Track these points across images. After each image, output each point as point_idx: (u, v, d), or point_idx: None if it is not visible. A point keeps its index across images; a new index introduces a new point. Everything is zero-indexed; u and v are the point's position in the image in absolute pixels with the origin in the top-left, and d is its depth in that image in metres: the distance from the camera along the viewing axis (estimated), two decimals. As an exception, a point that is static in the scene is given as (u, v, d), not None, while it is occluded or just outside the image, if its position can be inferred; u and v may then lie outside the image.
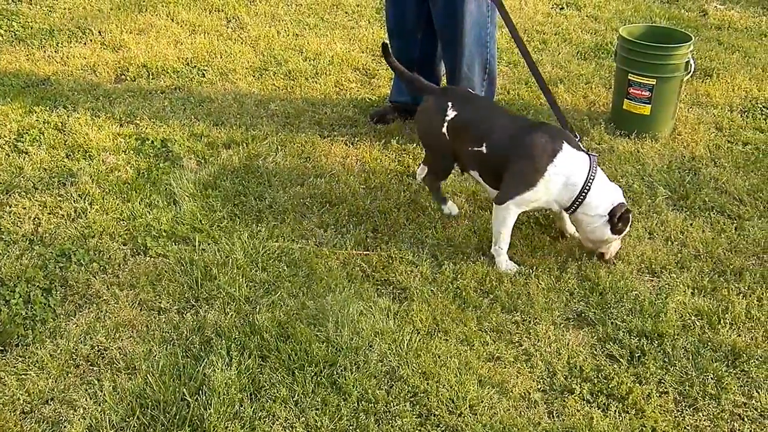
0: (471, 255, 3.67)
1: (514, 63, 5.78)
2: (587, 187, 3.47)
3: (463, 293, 3.43)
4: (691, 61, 4.69)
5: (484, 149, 3.64)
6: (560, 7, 7.08)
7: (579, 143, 3.61)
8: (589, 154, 3.54)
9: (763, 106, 5.25)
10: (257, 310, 3.28)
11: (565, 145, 3.49)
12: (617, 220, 3.50)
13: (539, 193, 3.50)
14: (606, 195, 3.51)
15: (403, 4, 4.54)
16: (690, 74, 4.74)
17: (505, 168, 3.56)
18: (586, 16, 6.86)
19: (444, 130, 3.76)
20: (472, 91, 4.20)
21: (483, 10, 4.37)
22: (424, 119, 3.91)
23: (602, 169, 3.66)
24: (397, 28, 4.67)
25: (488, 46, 4.49)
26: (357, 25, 6.42)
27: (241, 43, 6.01)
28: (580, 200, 3.50)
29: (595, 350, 3.19)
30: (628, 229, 3.61)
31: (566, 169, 3.47)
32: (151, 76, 5.46)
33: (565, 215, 3.72)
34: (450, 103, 3.76)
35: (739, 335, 3.26)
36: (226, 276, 3.46)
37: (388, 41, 4.56)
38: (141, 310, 3.32)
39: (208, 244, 3.69)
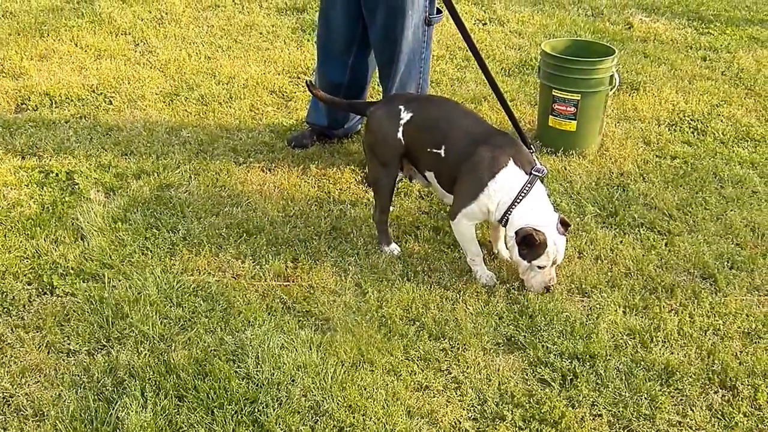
0: (396, 281, 3.74)
1: (436, 81, 5.89)
2: (515, 204, 3.61)
3: (389, 321, 3.48)
4: (616, 75, 4.86)
5: (442, 152, 3.76)
6: (483, 22, 7.25)
7: (531, 157, 3.73)
8: (532, 173, 3.65)
9: (691, 119, 5.46)
10: (173, 347, 3.29)
11: (510, 161, 3.64)
12: (519, 241, 3.59)
13: (482, 205, 3.67)
14: (528, 216, 3.60)
15: (334, 27, 4.62)
16: (615, 88, 4.90)
17: (458, 176, 3.71)
18: (510, 31, 7.03)
19: (399, 135, 3.84)
20: (418, 94, 4.48)
21: (419, 36, 4.48)
22: (375, 128, 3.95)
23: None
24: (326, 50, 4.74)
25: (422, 70, 4.61)
26: (272, 46, 6.47)
27: (150, 67, 6.01)
28: (507, 216, 3.63)
29: (526, 375, 3.27)
30: (542, 260, 3.60)
31: (506, 185, 3.62)
32: (54, 105, 5.41)
33: (500, 233, 3.88)
34: (402, 107, 3.86)
35: (672, 353, 3.38)
36: (138, 313, 3.45)
37: (316, 67, 4.71)
38: (48, 353, 3.29)
39: (119, 281, 3.68)
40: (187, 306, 3.53)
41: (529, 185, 3.62)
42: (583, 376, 3.24)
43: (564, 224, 3.67)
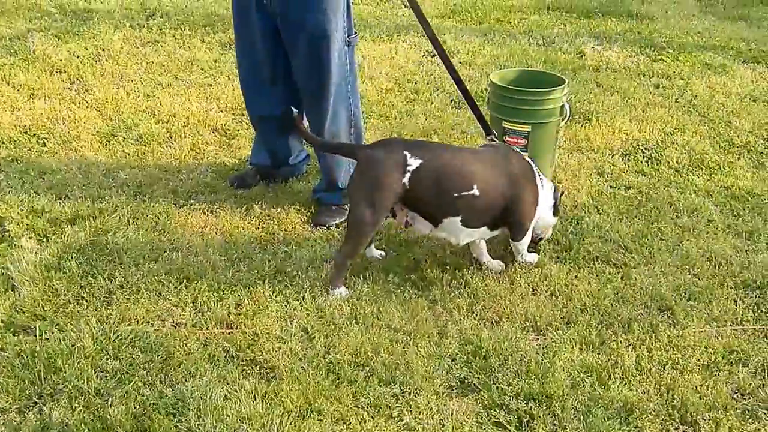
0: (344, 326, 3.71)
1: (385, 115, 5.91)
2: (542, 184, 4.13)
3: (337, 368, 3.44)
4: (566, 106, 4.90)
5: (475, 192, 3.88)
6: (432, 54, 7.28)
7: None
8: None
9: (645, 148, 5.54)
10: (109, 402, 3.22)
11: (531, 160, 4.19)
12: (557, 201, 4.24)
13: (536, 213, 4.12)
14: (548, 187, 4.19)
15: (257, 59, 4.57)
16: (566, 119, 4.95)
17: (502, 204, 3.97)
18: (460, 62, 7.09)
19: (405, 180, 3.83)
20: (411, 139, 4.72)
21: (343, 58, 4.44)
22: (376, 171, 3.87)
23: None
24: (252, 84, 4.71)
25: (351, 97, 4.55)
26: (215, 82, 6.46)
27: (86, 106, 5.96)
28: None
29: (481, 418, 3.25)
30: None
31: (546, 186, 4.15)
32: (-17, 148, 5.35)
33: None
34: (407, 153, 3.84)
35: (631, 389, 3.38)
36: (72, 367, 3.39)
37: (245, 103, 4.73)
38: (-25, 413, 3.22)
39: (53, 333, 3.61)
40: (125, 358, 3.47)
41: (537, 168, 4.18)
42: (539, 417, 3.23)
43: None
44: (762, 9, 9.38)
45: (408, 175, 3.83)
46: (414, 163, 3.83)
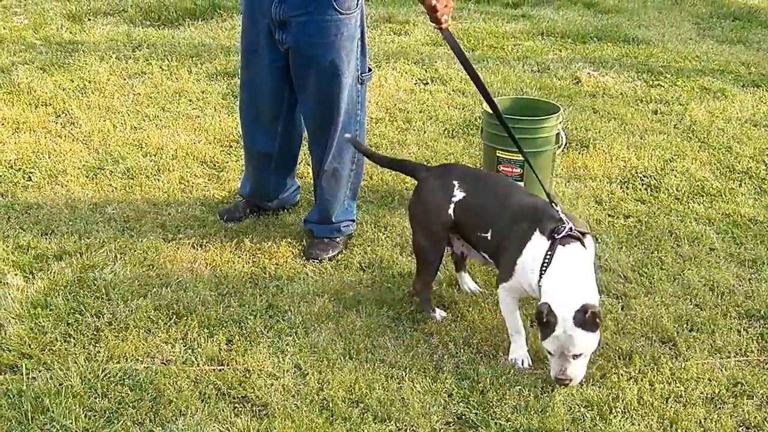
0: (338, 361, 3.72)
1: (375, 145, 5.93)
2: (541, 275, 3.57)
3: (331, 404, 3.45)
4: (562, 133, 4.95)
5: (489, 236, 3.84)
6: (424, 82, 7.35)
7: (557, 218, 3.66)
8: (554, 236, 3.57)
9: (643, 176, 5.57)
10: (97, 443, 3.24)
11: (535, 234, 3.63)
12: (534, 314, 3.60)
13: (516, 282, 3.70)
14: (556, 289, 3.50)
15: (262, 95, 4.60)
16: (562, 147, 4.99)
17: (499, 252, 3.81)
18: (453, 90, 7.14)
19: (450, 210, 3.91)
20: (473, 168, 4.64)
21: (353, 97, 4.49)
22: (425, 198, 4.01)
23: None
24: (253, 119, 4.74)
25: (357, 134, 4.58)
26: (203, 114, 6.50)
27: (72, 140, 5.99)
28: (540, 288, 3.59)
29: (479, 455, 3.27)
30: (548, 343, 3.49)
31: (529, 258, 3.62)
32: (-32, 184, 5.37)
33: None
34: (456, 183, 3.93)
35: (633, 424, 3.40)
36: (60, 406, 3.39)
37: (242, 138, 4.76)
38: (-40, 457, 3.23)
39: (39, 372, 3.62)
40: (113, 396, 3.48)
41: (549, 252, 3.55)
42: (539, 453, 3.25)
43: (584, 312, 3.41)
44: (761, 32, 9.45)
45: (452, 206, 3.92)
46: (459, 194, 3.92)
